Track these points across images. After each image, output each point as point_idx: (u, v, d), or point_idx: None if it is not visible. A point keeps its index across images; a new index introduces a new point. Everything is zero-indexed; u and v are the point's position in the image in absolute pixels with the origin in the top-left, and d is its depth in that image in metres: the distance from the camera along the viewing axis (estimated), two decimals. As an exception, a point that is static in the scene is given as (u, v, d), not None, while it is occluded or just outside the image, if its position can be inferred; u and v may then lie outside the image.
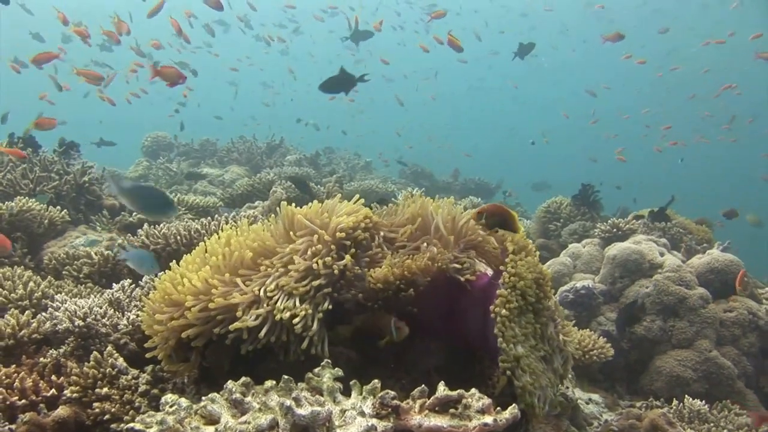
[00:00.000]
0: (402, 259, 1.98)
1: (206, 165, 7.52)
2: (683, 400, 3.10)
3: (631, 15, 23.58)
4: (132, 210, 3.55)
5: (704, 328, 3.50)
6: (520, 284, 1.90)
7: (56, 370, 2.02)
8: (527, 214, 8.07)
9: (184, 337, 1.73)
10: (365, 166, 10.83)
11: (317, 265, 1.86)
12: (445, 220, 2.13)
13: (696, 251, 4.25)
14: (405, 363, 2.12)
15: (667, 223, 4.31)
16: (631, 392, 3.65)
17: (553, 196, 5.75)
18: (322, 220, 2.04)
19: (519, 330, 1.91)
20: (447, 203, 2.20)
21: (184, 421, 1.34)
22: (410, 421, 1.51)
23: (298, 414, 1.43)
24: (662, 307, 3.59)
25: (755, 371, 3.59)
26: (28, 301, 2.46)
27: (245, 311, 1.74)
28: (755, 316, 3.60)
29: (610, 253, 3.90)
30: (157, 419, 1.31)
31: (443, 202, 2.20)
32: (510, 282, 1.89)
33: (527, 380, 1.82)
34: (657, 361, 3.55)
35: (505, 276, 1.90)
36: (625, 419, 3.08)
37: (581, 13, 23.92)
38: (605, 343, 3.33)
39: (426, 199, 2.26)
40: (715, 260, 3.76)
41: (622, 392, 3.66)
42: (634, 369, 3.67)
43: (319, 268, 1.85)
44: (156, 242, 2.81)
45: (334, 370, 1.70)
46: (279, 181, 4.68)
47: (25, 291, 2.48)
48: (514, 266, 1.93)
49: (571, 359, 2.22)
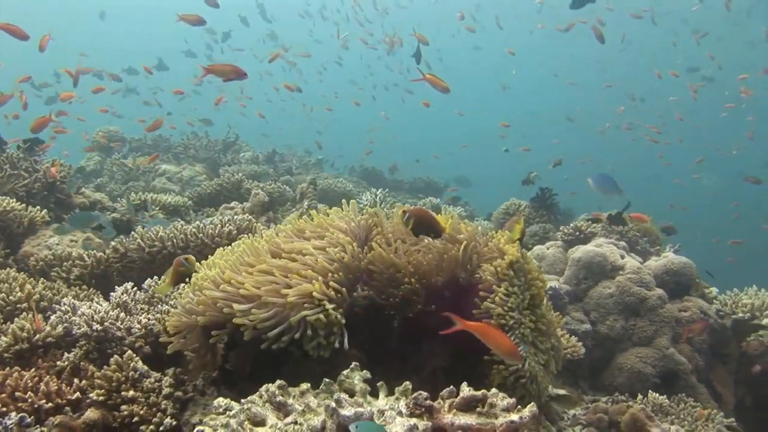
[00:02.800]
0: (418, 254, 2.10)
1: (162, 161, 7.42)
2: (646, 394, 3.33)
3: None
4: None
5: (662, 326, 3.75)
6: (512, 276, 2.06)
7: (73, 374, 2.05)
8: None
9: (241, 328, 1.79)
10: (317, 164, 10.88)
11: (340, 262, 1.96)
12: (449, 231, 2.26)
13: (650, 253, 4.53)
14: (411, 364, 2.24)
15: (624, 227, 4.57)
16: (594, 388, 3.87)
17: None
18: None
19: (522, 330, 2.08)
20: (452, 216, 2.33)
21: (243, 424, 1.43)
22: (443, 420, 1.63)
23: (343, 415, 1.53)
24: (624, 307, 3.83)
25: (706, 367, 3.87)
26: (26, 304, 2.46)
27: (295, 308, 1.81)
28: (706, 315, 3.88)
29: (574, 255, 4.11)
30: (222, 422, 1.39)
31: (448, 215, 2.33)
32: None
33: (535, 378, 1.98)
34: (619, 358, 3.78)
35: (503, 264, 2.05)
36: (593, 413, 3.29)
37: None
38: (576, 341, 3.53)
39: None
40: (670, 262, 4.02)
41: (586, 388, 3.87)
42: (596, 366, 3.89)
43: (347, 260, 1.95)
44: (152, 245, 2.83)
45: (362, 372, 1.81)
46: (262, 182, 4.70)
47: (23, 293, 2.48)
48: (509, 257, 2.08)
49: (561, 357, 2.40)
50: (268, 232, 2.17)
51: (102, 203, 4.38)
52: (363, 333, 2.19)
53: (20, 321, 2.16)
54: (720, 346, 3.93)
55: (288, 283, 1.82)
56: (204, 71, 3.08)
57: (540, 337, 2.18)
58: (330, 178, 8.68)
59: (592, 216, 4.78)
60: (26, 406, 1.83)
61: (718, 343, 3.93)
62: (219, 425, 1.39)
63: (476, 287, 2.19)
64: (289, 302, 1.77)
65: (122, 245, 2.89)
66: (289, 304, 1.77)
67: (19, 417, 1.74)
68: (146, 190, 5.95)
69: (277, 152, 8.82)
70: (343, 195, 7.32)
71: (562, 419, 3.32)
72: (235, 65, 2.95)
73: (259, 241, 2.05)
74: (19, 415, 1.74)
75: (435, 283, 2.11)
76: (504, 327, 2.04)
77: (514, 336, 2.05)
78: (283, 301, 1.78)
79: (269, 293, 1.79)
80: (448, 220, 2.24)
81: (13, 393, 1.86)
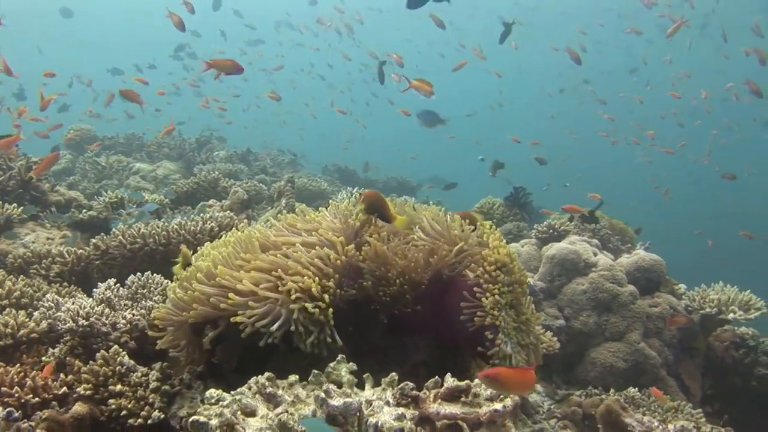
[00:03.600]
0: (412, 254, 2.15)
1: (135, 159, 7.37)
2: (618, 387, 3.42)
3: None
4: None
5: (634, 322, 3.86)
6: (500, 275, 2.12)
7: (59, 369, 2.05)
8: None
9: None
10: (290, 163, 10.88)
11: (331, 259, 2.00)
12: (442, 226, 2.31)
13: (621, 251, 4.64)
14: (393, 358, 2.28)
15: (596, 225, 4.68)
16: (567, 382, 3.96)
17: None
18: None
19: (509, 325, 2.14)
20: (433, 210, 2.38)
21: (236, 413, 1.46)
22: (428, 409, 1.68)
23: (332, 405, 1.57)
24: (597, 303, 3.92)
25: (675, 360, 3.98)
26: (8, 300, 2.46)
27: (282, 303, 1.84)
28: (675, 311, 3.99)
29: (549, 252, 4.20)
30: (216, 412, 1.42)
31: (430, 209, 2.38)
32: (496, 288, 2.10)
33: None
34: (592, 352, 3.87)
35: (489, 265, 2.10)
36: (567, 407, 3.38)
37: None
38: (552, 336, 3.61)
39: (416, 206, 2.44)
40: (641, 260, 4.13)
41: (559, 382, 3.96)
42: (570, 361, 3.98)
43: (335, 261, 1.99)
44: (134, 242, 2.83)
45: (349, 364, 1.85)
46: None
47: (3, 290, 2.47)
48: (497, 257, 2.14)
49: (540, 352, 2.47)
50: (259, 227, 2.20)
51: (78, 201, 4.34)
52: (346, 327, 2.23)
53: (3, 317, 2.15)
54: (688, 341, 4.05)
55: (283, 280, 1.85)
56: (206, 65, 3.14)
57: (521, 334, 2.24)
58: (305, 177, 8.69)
59: (565, 208, 4.85)
60: (13, 401, 1.83)
61: (687, 338, 4.04)
62: (213, 414, 1.42)
63: (457, 281, 2.24)
64: (290, 298, 1.81)
65: (103, 242, 2.88)
66: (286, 301, 1.81)
67: (7, 411, 1.75)
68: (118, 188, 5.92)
69: (252, 151, 8.80)
70: (319, 194, 7.35)
71: (537, 413, 3.40)
72: (235, 61, 3.03)
73: (253, 235, 2.07)
74: (6, 409, 1.75)
75: (421, 281, 2.15)
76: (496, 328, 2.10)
77: (502, 333, 2.10)
78: (280, 298, 1.82)
79: (266, 290, 1.82)
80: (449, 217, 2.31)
81: (0, 388, 1.86)
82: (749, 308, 3.90)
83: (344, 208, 2.25)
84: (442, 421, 1.68)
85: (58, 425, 1.79)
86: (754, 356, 4.26)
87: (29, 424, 1.75)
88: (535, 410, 3.37)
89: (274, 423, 1.43)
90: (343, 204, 2.26)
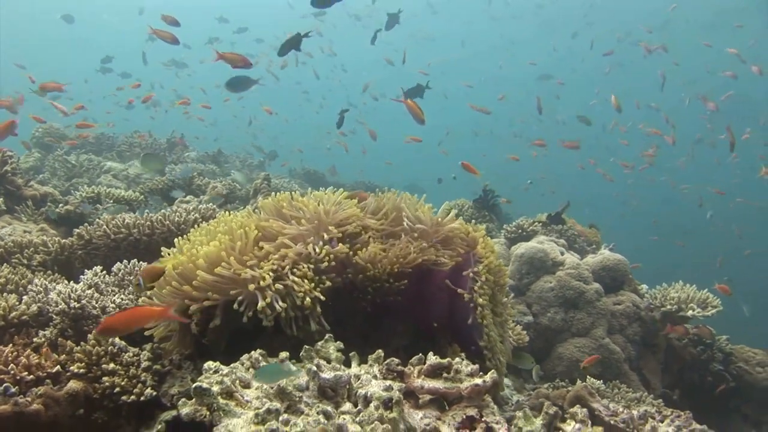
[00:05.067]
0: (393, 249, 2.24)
1: (106, 159, 7.34)
2: (584, 381, 3.56)
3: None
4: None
5: (599, 318, 4.02)
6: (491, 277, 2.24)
7: (51, 350, 2.10)
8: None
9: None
10: (259, 165, 10.91)
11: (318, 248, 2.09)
12: (425, 215, 2.42)
13: (587, 251, 4.81)
14: (374, 341, 2.38)
15: (563, 226, 4.85)
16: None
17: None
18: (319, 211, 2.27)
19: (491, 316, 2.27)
20: (413, 200, 2.49)
21: (236, 382, 1.54)
22: (413, 383, 1.79)
23: (323, 378, 1.67)
24: (563, 300, 4.07)
25: (637, 356, 4.15)
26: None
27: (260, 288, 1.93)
28: (638, 308, 4.17)
29: (518, 251, 4.35)
30: (216, 380, 1.50)
31: (410, 199, 2.49)
32: (484, 275, 2.22)
33: (499, 358, 2.17)
34: (559, 348, 4.02)
35: (481, 269, 2.22)
36: (536, 398, 3.51)
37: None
38: (522, 330, 3.74)
39: (401, 196, 2.55)
40: (606, 259, 4.30)
41: (527, 377, 4.10)
42: (537, 356, 4.11)
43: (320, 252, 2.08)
44: (118, 232, 2.88)
45: (336, 343, 1.95)
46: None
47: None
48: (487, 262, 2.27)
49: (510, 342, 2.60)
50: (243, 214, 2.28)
51: (53, 196, 4.35)
52: (328, 312, 2.32)
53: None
54: (650, 337, 4.22)
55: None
56: (217, 56, 3.22)
57: (499, 320, 2.37)
58: (276, 178, 8.75)
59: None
60: (8, 378, 1.88)
61: (648, 334, 4.22)
62: (214, 382, 1.50)
63: (435, 271, 2.35)
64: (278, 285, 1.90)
65: (87, 232, 2.92)
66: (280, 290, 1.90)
67: (4, 387, 1.80)
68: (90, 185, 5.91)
69: (223, 152, 8.83)
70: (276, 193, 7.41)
71: (507, 404, 3.53)
72: (244, 56, 3.14)
73: (248, 223, 2.16)
74: (3, 385, 1.80)
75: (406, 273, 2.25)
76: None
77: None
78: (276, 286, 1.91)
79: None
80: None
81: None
82: (707, 306, 4.09)
83: (332, 198, 2.34)
84: (425, 395, 1.79)
85: (53, 401, 1.85)
86: (710, 353, 4.47)
87: (26, 399, 1.81)
88: (504, 402, 3.49)
89: (273, 390, 1.51)
90: (332, 194, 2.36)
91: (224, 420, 1.40)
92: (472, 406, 1.76)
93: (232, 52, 3.26)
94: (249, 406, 1.48)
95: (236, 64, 3.17)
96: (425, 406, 1.76)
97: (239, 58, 3.19)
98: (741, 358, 4.58)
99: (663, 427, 2.40)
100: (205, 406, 1.46)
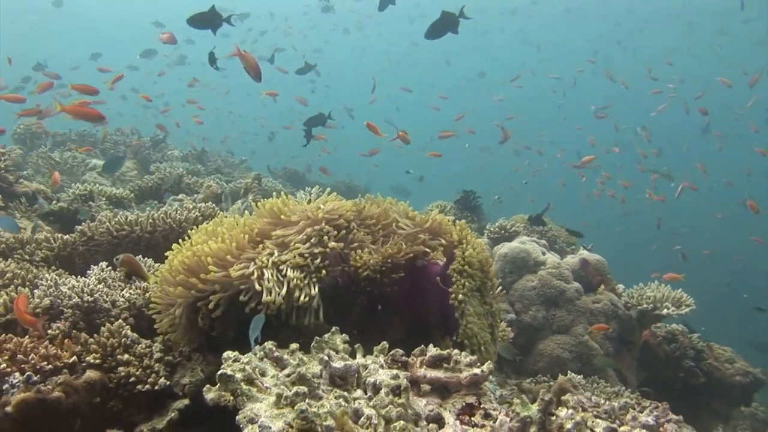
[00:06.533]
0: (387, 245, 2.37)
1: (89, 156, 7.34)
2: (566, 375, 3.72)
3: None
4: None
5: (579, 316, 4.18)
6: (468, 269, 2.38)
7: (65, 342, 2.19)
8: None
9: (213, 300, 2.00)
10: (241, 164, 10.97)
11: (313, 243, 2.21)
12: (412, 215, 2.56)
13: (566, 252, 4.98)
14: (371, 335, 2.50)
15: (544, 227, 5.01)
16: (518, 372, 4.25)
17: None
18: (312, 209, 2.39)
19: (473, 309, 2.39)
20: (404, 206, 2.64)
21: (255, 370, 1.65)
22: (417, 373, 1.91)
23: (334, 367, 1.78)
24: (545, 299, 4.23)
25: (615, 352, 4.32)
26: (1, 281, 2.56)
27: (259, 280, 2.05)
28: (616, 307, 4.34)
29: (501, 251, 4.50)
30: (239, 367, 1.61)
31: (401, 205, 2.64)
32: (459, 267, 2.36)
33: (483, 350, 2.30)
34: (540, 344, 4.18)
35: (456, 264, 2.36)
36: (518, 393, 3.66)
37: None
38: (506, 326, 3.88)
39: (389, 199, 2.68)
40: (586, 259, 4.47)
41: (510, 372, 4.25)
42: (520, 352, 4.27)
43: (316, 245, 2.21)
44: (120, 229, 2.96)
45: (342, 335, 2.06)
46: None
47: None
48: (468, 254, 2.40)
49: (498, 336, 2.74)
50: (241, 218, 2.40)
51: (45, 192, 4.39)
52: (327, 306, 2.44)
53: (7, 293, 2.27)
54: (627, 335, 4.40)
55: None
56: (236, 51, 3.22)
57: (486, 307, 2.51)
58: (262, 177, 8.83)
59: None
60: (29, 368, 1.97)
61: (625, 332, 4.39)
62: (237, 369, 1.61)
63: (429, 269, 2.49)
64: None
65: (90, 229, 2.99)
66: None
67: (27, 375, 1.88)
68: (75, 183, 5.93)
69: (206, 151, 8.88)
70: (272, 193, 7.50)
71: (490, 400, 3.66)
72: (259, 67, 3.15)
73: (248, 223, 2.27)
74: (26, 374, 1.89)
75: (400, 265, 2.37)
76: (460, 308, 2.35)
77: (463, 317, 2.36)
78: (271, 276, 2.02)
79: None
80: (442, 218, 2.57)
81: (14, 356, 1.99)
82: (681, 305, 4.28)
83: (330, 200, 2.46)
84: (427, 384, 1.91)
85: (73, 389, 1.94)
86: (682, 350, 4.67)
87: (48, 387, 1.90)
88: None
89: (293, 376, 1.62)
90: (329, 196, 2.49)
91: (248, 404, 1.51)
92: (471, 394, 1.88)
93: (251, 55, 3.26)
94: (269, 392, 1.59)
95: (249, 70, 3.20)
96: (427, 394, 1.89)
97: (254, 65, 3.20)
98: (711, 356, 4.79)
99: (643, 416, 2.55)
100: (229, 391, 1.56)
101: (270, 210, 2.45)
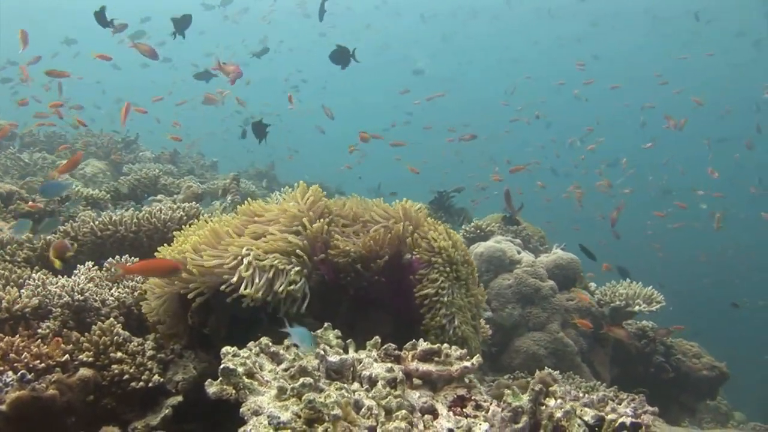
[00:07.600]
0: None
1: (59, 157, 7.25)
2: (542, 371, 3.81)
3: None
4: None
5: (554, 313, 4.28)
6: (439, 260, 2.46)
7: (54, 341, 2.19)
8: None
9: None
10: (212, 165, 10.91)
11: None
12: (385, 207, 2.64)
13: (540, 251, 5.09)
14: (359, 330, 2.55)
15: (518, 227, 5.11)
16: (494, 369, 4.32)
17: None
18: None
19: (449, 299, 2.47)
20: (378, 202, 2.71)
21: (255, 363, 1.69)
22: (409, 366, 1.96)
23: (330, 361, 1.83)
24: (521, 296, 4.32)
25: (588, 349, 4.43)
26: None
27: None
28: (589, 304, 4.45)
29: (477, 250, 4.57)
30: (240, 361, 1.64)
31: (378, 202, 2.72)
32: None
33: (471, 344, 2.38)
34: (516, 341, 4.26)
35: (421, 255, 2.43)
36: (497, 389, 3.73)
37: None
38: (484, 324, 3.96)
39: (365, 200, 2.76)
40: (560, 258, 4.57)
41: (486, 369, 4.32)
42: (496, 349, 4.35)
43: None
44: (105, 229, 2.95)
45: (335, 331, 2.11)
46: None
47: (-21, 272, 2.55)
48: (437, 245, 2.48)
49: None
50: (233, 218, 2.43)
51: (20, 194, 4.34)
52: (315, 303, 2.48)
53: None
54: (600, 331, 4.51)
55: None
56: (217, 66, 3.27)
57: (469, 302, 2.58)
58: (227, 179, 8.79)
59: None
60: (21, 366, 1.97)
61: (598, 329, 4.51)
62: (238, 363, 1.64)
63: (413, 266, 2.55)
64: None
65: (73, 229, 2.98)
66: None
67: (20, 374, 1.89)
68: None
69: (179, 152, 8.83)
70: (250, 194, 7.49)
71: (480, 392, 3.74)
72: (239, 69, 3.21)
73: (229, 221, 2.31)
74: (20, 372, 1.89)
75: (382, 256, 2.43)
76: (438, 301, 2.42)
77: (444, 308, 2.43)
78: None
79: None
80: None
81: (6, 355, 1.99)
82: (652, 302, 4.41)
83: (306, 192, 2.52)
84: (419, 377, 1.97)
85: (67, 387, 1.95)
86: (653, 346, 4.80)
87: (42, 385, 1.90)
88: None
89: (293, 369, 1.66)
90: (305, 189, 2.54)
91: (250, 397, 1.55)
92: (461, 386, 1.95)
93: (230, 64, 3.33)
94: (270, 386, 1.62)
95: (231, 75, 3.25)
96: (419, 387, 1.94)
97: (233, 68, 3.26)
98: (680, 351, 4.94)
99: (621, 408, 2.64)
100: (231, 385, 1.60)
101: (252, 211, 2.49)
